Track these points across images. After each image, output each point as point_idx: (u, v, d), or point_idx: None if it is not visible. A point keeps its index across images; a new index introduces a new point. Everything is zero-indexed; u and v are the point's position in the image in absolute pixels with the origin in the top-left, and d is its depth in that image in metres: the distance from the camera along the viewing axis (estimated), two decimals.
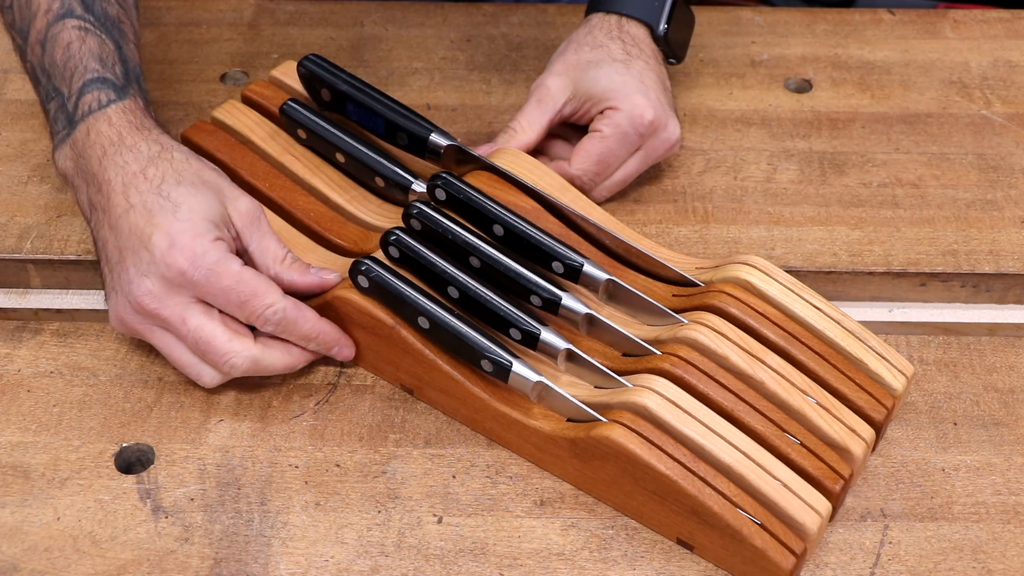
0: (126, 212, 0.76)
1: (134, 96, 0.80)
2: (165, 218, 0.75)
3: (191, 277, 0.74)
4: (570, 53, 0.92)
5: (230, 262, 0.75)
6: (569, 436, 0.73)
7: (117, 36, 0.82)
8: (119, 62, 0.81)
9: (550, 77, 0.91)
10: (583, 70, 0.91)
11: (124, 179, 0.76)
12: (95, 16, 0.82)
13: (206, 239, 0.75)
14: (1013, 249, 0.90)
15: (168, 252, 0.74)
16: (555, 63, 0.93)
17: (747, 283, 0.78)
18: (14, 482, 0.76)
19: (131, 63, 0.82)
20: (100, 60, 0.80)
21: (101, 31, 0.82)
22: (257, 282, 0.76)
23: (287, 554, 0.72)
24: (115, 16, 0.83)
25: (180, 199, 0.76)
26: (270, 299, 0.76)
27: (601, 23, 0.93)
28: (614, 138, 0.89)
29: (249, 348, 0.76)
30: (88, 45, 0.81)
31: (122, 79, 0.81)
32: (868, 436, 0.75)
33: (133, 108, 0.80)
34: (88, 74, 0.80)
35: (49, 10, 0.82)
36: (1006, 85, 1.05)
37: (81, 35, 0.81)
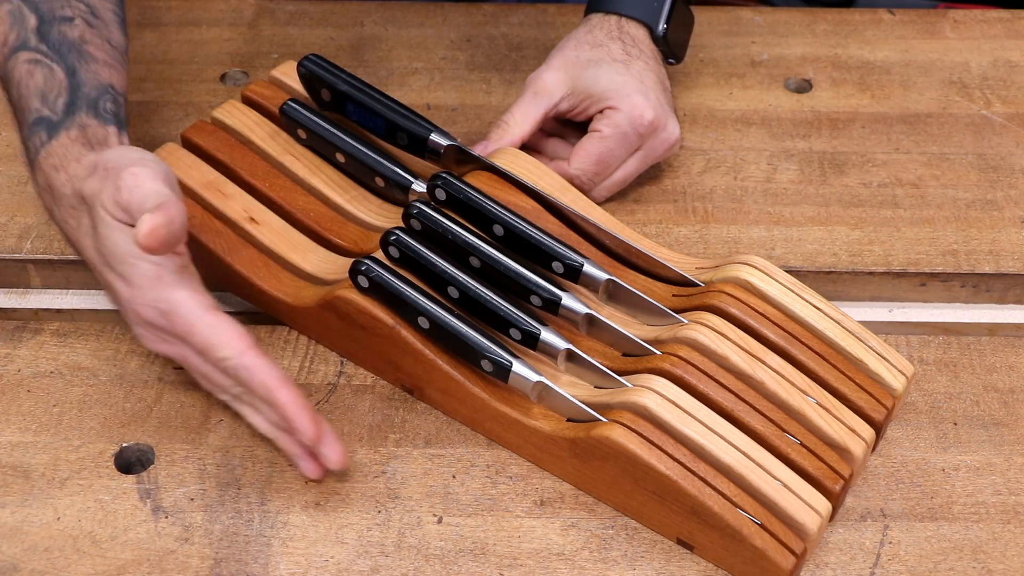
0: (93, 268, 0.76)
1: (67, 128, 0.76)
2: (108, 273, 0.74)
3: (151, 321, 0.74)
4: (569, 50, 0.92)
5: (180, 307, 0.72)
6: (569, 436, 0.73)
7: (74, 60, 0.79)
8: (65, 92, 0.78)
9: (548, 71, 0.91)
10: (583, 68, 0.91)
11: (74, 236, 0.76)
12: (49, 44, 0.79)
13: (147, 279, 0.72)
14: (1013, 249, 0.90)
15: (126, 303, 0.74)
16: (553, 58, 0.92)
17: (747, 283, 0.78)
18: (14, 482, 0.76)
19: (86, 87, 0.78)
20: (42, 97, 0.78)
21: (53, 59, 0.78)
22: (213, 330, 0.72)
23: (287, 554, 0.72)
24: (75, 39, 0.80)
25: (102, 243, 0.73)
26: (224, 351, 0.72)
27: (601, 23, 0.93)
28: (614, 138, 0.89)
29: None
30: (35, 81, 0.78)
31: (61, 112, 0.77)
32: (868, 436, 0.75)
33: (59, 146, 0.76)
34: (30, 116, 0.77)
35: (5, 43, 0.79)
36: (1006, 85, 1.05)
37: (30, 70, 0.78)
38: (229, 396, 0.75)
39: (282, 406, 0.71)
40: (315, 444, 0.72)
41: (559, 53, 0.92)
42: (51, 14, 0.80)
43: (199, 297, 0.72)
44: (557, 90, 0.91)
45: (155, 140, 0.95)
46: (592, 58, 0.91)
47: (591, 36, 0.92)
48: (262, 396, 0.72)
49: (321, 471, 0.74)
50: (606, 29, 0.93)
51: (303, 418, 0.71)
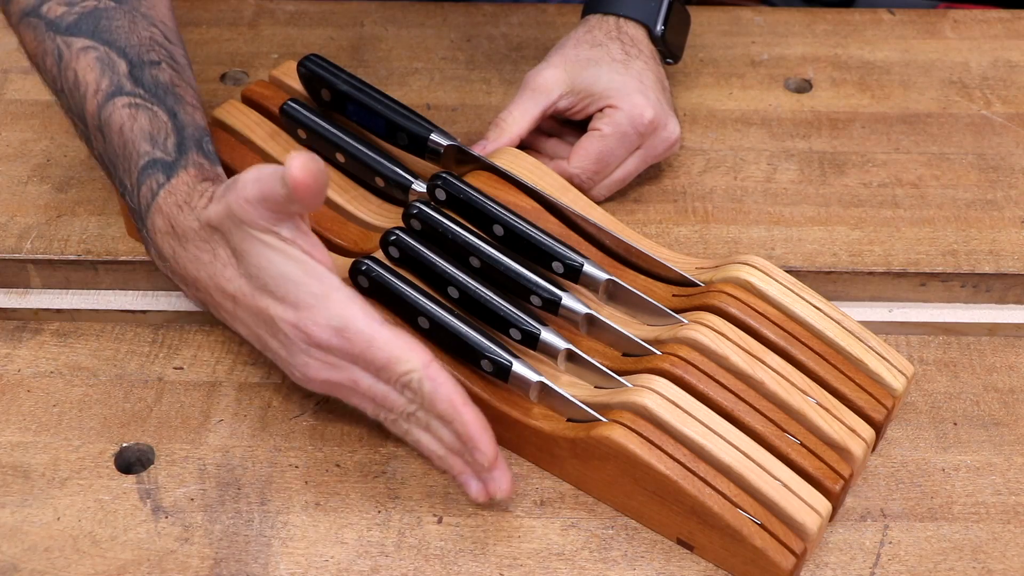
0: (236, 303, 0.72)
1: (184, 167, 0.74)
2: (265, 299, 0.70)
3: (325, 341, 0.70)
4: (569, 48, 0.92)
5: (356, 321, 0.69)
6: (569, 436, 0.73)
7: (172, 103, 0.77)
8: (173, 132, 0.76)
9: (547, 69, 0.91)
10: (582, 66, 0.91)
11: (208, 272, 0.72)
12: (145, 87, 0.77)
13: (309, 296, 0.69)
14: (1013, 249, 0.90)
15: (293, 327, 0.69)
16: (552, 56, 0.93)
17: (747, 283, 0.78)
18: (14, 482, 0.76)
19: (189, 128, 0.77)
20: (151, 139, 0.75)
21: (152, 102, 0.77)
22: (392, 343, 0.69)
23: (287, 554, 0.72)
24: (167, 82, 0.78)
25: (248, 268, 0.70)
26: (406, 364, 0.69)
27: (600, 23, 0.93)
28: (613, 137, 0.89)
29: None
30: (139, 124, 0.76)
31: (174, 152, 0.75)
32: (868, 436, 0.75)
33: (180, 184, 0.74)
34: (141, 160, 0.75)
35: (98, 90, 0.77)
36: (1006, 85, 1.05)
37: (132, 114, 0.76)
38: (399, 416, 0.71)
39: (465, 424, 0.68)
40: (491, 468, 0.70)
41: (558, 52, 0.93)
42: (139, 58, 0.78)
43: (372, 311, 0.69)
44: (556, 88, 0.91)
45: None
46: (592, 57, 0.91)
47: (590, 36, 0.93)
48: (443, 412, 0.69)
49: (488, 496, 0.71)
50: (605, 29, 0.93)
51: (485, 439, 0.69)
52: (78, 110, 0.78)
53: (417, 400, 0.70)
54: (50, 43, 0.79)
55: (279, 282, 0.69)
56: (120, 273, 0.87)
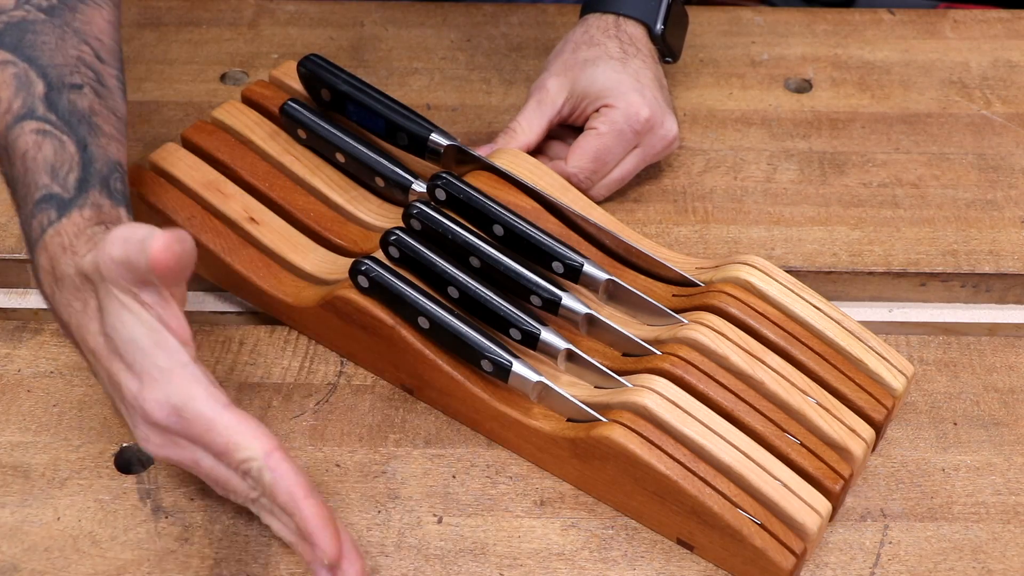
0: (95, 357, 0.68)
1: (79, 207, 0.70)
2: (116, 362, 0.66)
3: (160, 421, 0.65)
4: (567, 53, 0.92)
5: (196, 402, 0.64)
6: (569, 436, 0.73)
7: (84, 133, 0.72)
8: (77, 167, 0.71)
9: (549, 78, 0.92)
10: (580, 69, 0.91)
11: (77, 320, 0.68)
12: (58, 113, 0.72)
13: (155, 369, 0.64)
14: (1013, 249, 0.90)
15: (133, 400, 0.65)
16: (552, 63, 0.93)
17: (747, 283, 0.78)
18: (14, 482, 0.76)
19: (98, 163, 0.72)
20: (52, 172, 0.71)
21: (63, 131, 0.72)
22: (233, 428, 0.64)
23: (287, 554, 0.72)
24: (85, 109, 0.73)
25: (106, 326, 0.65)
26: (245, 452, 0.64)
27: (598, 22, 0.93)
28: (610, 135, 0.89)
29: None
30: (44, 154, 0.71)
31: (73, 188, 0.70)
32: (868, 436, 0.75)
33: (70, 225, 0.69)
34: (37, 192, 0.70)
35: (10, 110, 0.72)
36: (1006, 85, 1.05)
37: (38, 142, 0.71)
38: (245, 500, 0.67)
39: (304, 519, 0.63)
40: (334, 563, 0.64)
41: (558, 57, 0.93)
42: (60, 81, 0.73)
43: (216, 392, 0.65)
44: (559, 95, 0.91)
45: (155, 140, 0.95)
46: (589, 58, 0.91)
47: (588, 36, 0.93)
48: (284, 505, 0.64)
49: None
50: (603, 28, 0.93)
51: (325, 535, 0.63)
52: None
53: (259, 488, 0.65)
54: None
55: (128, 347, 0.65)
56: None
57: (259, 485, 0.64)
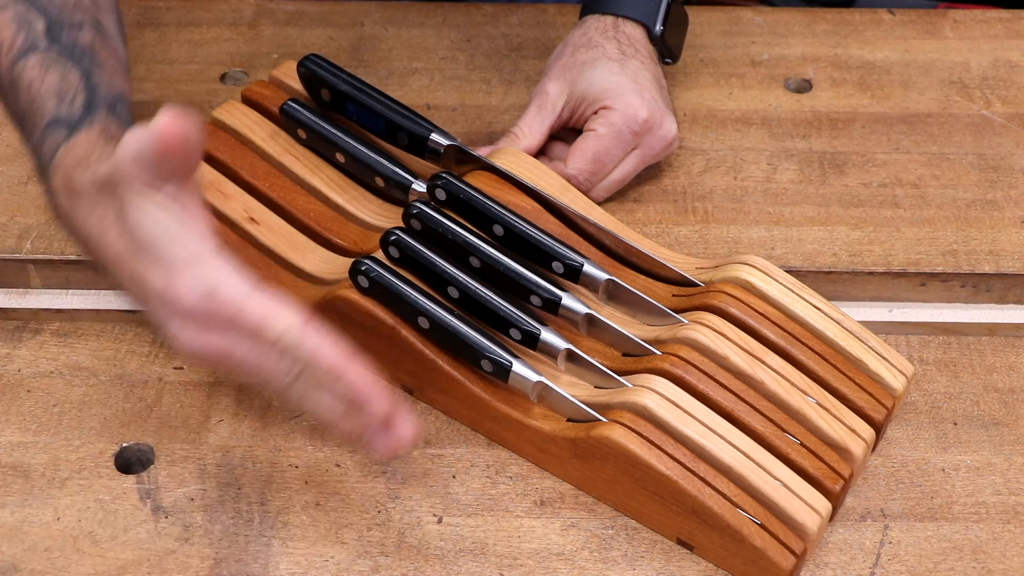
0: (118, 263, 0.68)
1: (90, 126, 0.71)
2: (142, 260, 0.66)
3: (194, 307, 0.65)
4: (566, 56, 0.92)
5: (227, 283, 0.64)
6: (569, 436, 0.73)
7: (88, 64, 0.74)
8: (82, 92, 0.73)
9: (548, 82, 0.92)
10: (579, 71, 0.91)
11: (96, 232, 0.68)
12: (61, 46, 0.74)
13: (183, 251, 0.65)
14: (1013, 249, 0.90)
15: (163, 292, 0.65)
16: (552, 67, 0.93)
17: (747, 283, 0.78)
18: (14, 482, 0.76)
19: (102, 89, 0.74)
20: (58, 97, 0.72)
21: (67, 62, 0.74)
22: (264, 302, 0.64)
23: (287, 554, 0.72)
24: (86, 45, 0.75)
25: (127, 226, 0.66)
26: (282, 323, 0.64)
27: (596, 24, 0.93)
28: (609, 136, 0.89)
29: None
30: (48, 82, 0.73)
31: (80, 110, 0.72)
32: (868, 436, 0.75)
33: (80, 143, 0.70)
34: (46, 117, 0.72)
35: (12, 47, 0.74)
36: (1006, 85, 1.05)
37: (42, 72, 0.73)
38: (283, 385, 0.65)
39: (353, 380, 0.63)
40: (389, 419, 0.64)
41: (557, 61, 0.93)
42: (60, 19, 0.75)
43: (244, 274, 0.65)
44: (559, 99, 0.91)
45: None
46: (587, 60, 0.91)
47: (586, 38, 0.93)
48: (330, 369, 0.63)
49: (396, 448, 0.65)
50: (601, 29, 0.93)
51: (376, 391, 0.63)
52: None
53: (298, 365, 0.64)
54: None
55: (153, 241, 0.65)
56: None
57: (298, 358, 0.63)
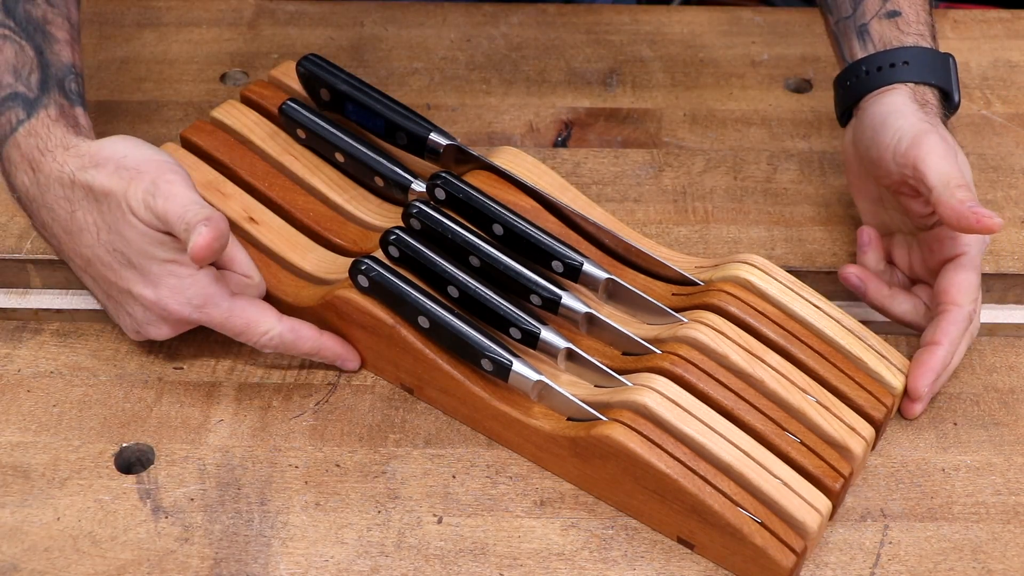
0: (87, 263, 0.77)
1: (45, 106, 0.78)
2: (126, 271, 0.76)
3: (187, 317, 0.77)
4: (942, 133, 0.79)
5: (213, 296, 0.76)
6: (569, 435, 0.73)
7: (40, 40, 0.80)
8: (36, 69, 0.79)
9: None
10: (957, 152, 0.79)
11: (61, 226, 0.77)
12: (16, 20, 0.80)
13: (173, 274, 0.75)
14: (1013, 249, 0.90)
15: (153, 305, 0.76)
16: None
17: (747, 282, 0.78)
18: (14, 482, 0.76)
19: (53, 67, 0.80)
20: (14, 71, 0.79)
21: (21, 36, 0.79)
22: (247, 311, 0.77)
23: (287, 554, 0.72)
24: (39, 18, 0.80)
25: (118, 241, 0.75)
26: (264, 326, 0.77)
27: (923, 95, 0.82)
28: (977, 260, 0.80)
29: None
30: (5, 56, 0.79)
31: (36, 89, 0.79)
32: (868, 434, 0.75)
33: (40, 125, 0.78)
34: (3, 90, 0.78)
35: None
36: (1006, 85, 1.05)
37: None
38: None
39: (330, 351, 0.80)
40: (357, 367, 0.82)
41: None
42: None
43: (225, 286, 0.77)
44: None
45: (155, 140, 0.93)
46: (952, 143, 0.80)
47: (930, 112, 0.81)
48: (308, 353, 0.79)
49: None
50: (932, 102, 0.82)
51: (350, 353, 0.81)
52: None
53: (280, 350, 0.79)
54: None
55: (142, 259, 0.75)
56: None
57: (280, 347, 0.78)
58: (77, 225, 0.76)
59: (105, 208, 0.75)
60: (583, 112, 1.02)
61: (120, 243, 0.75)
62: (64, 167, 0.76)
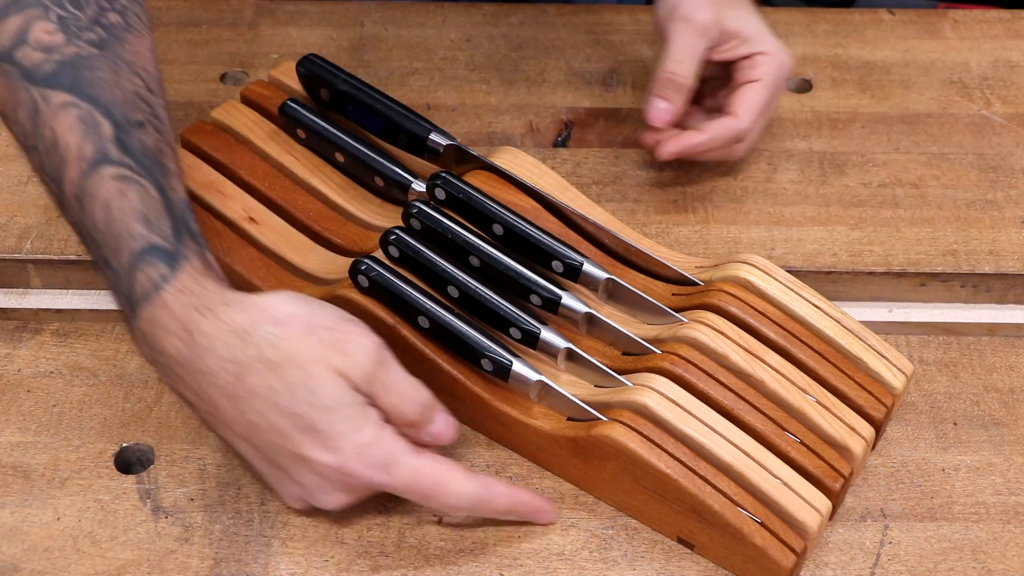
0: (253, 430, 0.68)
1: (187, 258, 0.69)
2: (303, 436, 0.67)
3: (370, 480, 0.69)
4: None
5: (399, 455, 0.68)
6: (569, 435, 0.73)
7: (159, 175, 0.71)
8: (166, 214, 0.70)
9: (697, 11, 0.89)
10: (727, 6, 0.90)
11: (223, 391, 0.68)
12: (133, 156, 0.70)
13: (359, 432, 0.68)
14: (1013, 249, 0.90)
15: (334, 471, 0.68)
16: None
17: (747, 282, 0.78)
18: (14, 482, 0.76)
19: (178, 207, 0.71)
20: (144, 220, 0.69)
21: (142, 175, 0.70)
22: (436, 469, 0.69)
23: (287, 554, 0.72)
24: (154, 148, 0.72)
25: (300, 404, 0.67)
26: (454, 485, 0.69)
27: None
28: (772, 86, 0.91)
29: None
30: (130, 201, 0.69)
31: (171, 237, 0.69)
32: (868, 434, 0.75)
33: (191, 281, 0.69)
34: (135, 243, 0.69)
35: (82, 156, 0.70)
36: (1006, 85, 1.05)
37: (120, 188, 0.69)
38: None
39: (527, 516, 0.73)
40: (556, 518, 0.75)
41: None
42: (125, 119, 0.71)
43: (408, 441, 0.69)
44: (713, 29, 0.90)
45: None
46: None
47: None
48: (502, 511, 0.72)
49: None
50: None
51: (545, 506, 0.73)
52: (54, 173, 0.71)
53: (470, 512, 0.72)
54: (24, 94, 0.71)
55: (324, 418, 0.67)
56: None
57: (471, 509, 0.71)
58: (247, 389, 0.67)
59: (290, 369, 0.66)
60: (583, 112, 1.02)
61: (303, 406, 0.66)
62: (232, 326, 0.67)
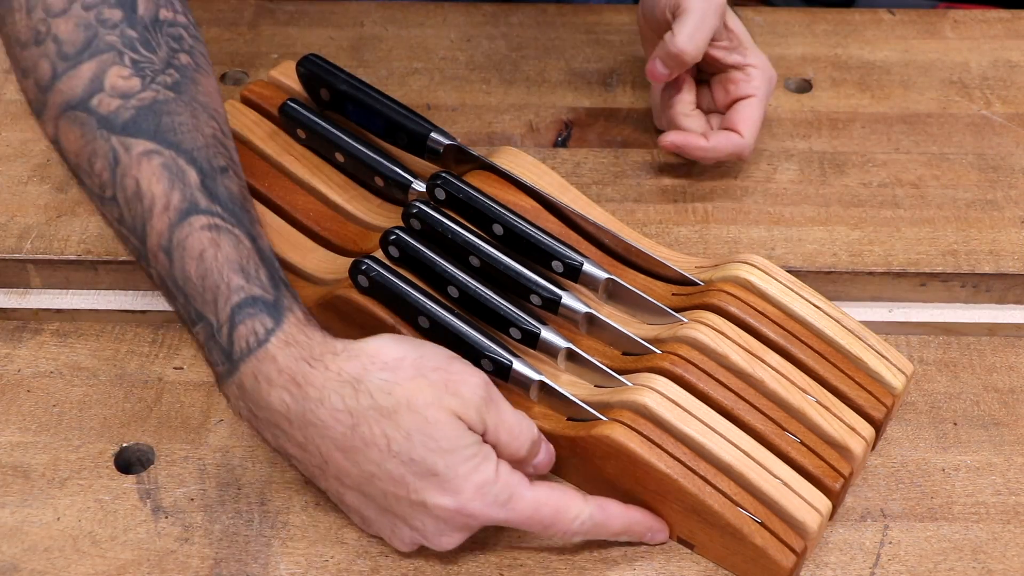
0: (367, 480, 0.67)
1: (289, 308, 0.68)
2: (422, 482, 0.66)
3: (490, 518, 0.68)
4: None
5: (518, 488, 0.67)
6: (569, 435, 0.73)
7: (247, 223, 0.69)
8: (261, 263, 0.68)
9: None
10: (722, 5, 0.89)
11: (335, 443, 0.66)
12: (221, 203, 0.68)
13: (479, 472, 0.66)
14: (1013, 249, 0.90)
15: (455, 514, 0.67)
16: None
17: (747, 282, 0.78)
18: (14, 482, 0.76)
19: (267, 253, 0.70)
20: (242, 271, 0.67)
21: (232, 223, 0.68)
22: (553, 497, 0.68)
23: (287, 554, 0.72)
24: (239, 194, 0.70)
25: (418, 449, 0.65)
26: (573, 511, 0.68)
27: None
28: (765, 101, 0.92)
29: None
30: (224, 252, 0.67)
31: (270, 287, 0.68)
32: (868, 434, 0.75)
33: (296, 332, 0.67)
34: (234, 295, 0.67)
35: (168, 206, 0.67)
36: (1006, 85, 1.05)
37: (214, 239, 0.67)
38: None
39: (641, 535, 0.72)
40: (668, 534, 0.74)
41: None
42: (209, 165, 0.69)
43: (521, 474, 0.69)
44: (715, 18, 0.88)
45: None
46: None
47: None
48: (618, 533, 0.72)
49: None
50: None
51: (656, 523, 0.73)
52: (136, 225, 0.69)
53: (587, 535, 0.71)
54: (102, 143, 0.68)
55: (443, 459, 0.66)
56: (120, 273, 0.87)
57: (588, 533, 0.70)
58: (362, 439, 0.66)
59: (406, 415, 0.65)
60: (583, 112, 1.02)
61: (421, 451, 0.65)
62: (342, 376, 0.66)
